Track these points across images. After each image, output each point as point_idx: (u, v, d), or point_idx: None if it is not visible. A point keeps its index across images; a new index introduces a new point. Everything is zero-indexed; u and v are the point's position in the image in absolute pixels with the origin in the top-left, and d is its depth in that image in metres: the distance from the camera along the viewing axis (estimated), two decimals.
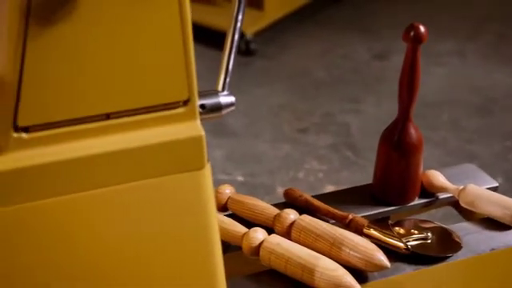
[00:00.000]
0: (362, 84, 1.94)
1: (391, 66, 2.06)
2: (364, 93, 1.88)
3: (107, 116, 0.44)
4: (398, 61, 2.09)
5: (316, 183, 1.55)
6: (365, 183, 0.74)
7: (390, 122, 0.66)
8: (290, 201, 0.66)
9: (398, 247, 0.59)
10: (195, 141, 0.46)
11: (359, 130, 1.75)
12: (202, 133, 0.46)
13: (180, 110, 0.46)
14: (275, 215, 0.62)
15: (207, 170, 0.47)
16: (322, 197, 0.68)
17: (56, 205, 0.44)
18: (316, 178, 1.55)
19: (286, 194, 0.68)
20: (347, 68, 2.03)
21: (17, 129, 0.42)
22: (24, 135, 0.42)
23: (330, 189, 1.48)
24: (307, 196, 0.66)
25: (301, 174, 1.54)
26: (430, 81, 1.83)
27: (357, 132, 1.74)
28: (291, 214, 0.62)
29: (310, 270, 0.55)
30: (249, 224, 0.63)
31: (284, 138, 1.65)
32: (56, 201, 0.44)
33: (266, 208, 0.63)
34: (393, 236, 0.60)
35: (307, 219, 0.61)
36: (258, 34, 1.98)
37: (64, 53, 0.41)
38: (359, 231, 0.61)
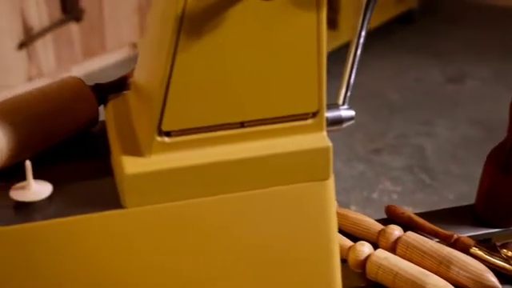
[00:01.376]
0: (436, 107, 1.92)
1: (465, 90, 2.03)
2: (438, 116, 1.86)
3: (242, 124, 0.46)
4: (472, 84, 2.06)
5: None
6: (441, 207, 0.73)
7: (465, 145, 0.66)
8: (392, 217, 0.67)
9: (507, 270, 0.59)
10: (323, 152, 0.47)
11: (433, 152, 1.73)
12: (330, 144, 0.47)
13: (309, 122, 0.47)
14: (380, 230, 0.63)
15: (331, 181, 0.48)
16: (421, 215, 0.68)
17: (187, 207, 0.46)
18: (390, 199, 1.54)
19: (388, 210, 0.68)
20: (420, 90, 2.02)
21: (160, 133, 0.45)
22: (166, 139, 0.45)
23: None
24: (410, 213, 0.66)
25: (375, 195, 1.54)
26: None
27: (431, 155, 1.72)
28: (396, 230, 0.62)
29: (420, 287, 0.55)
30: (351, 238, 0.63)
31: (358, 158, 1.65)
32: (188, 203, 0.46)
33: (370, 223, 0.64)
34: (501, 258, 0.60)
35: (413, 236, 0.61)
36: (332, 54, 1.99)
37: (208, 63, 0.44)
38: (465, 251, 0.60)
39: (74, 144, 0.52)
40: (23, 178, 0.47)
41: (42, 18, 1.95)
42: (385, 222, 0.67)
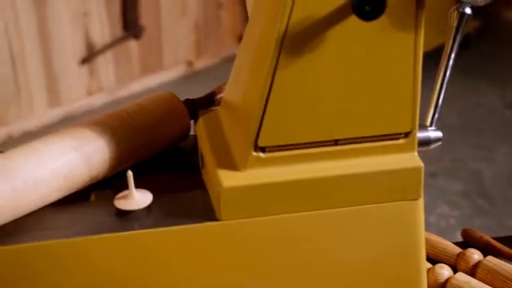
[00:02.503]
0: (495, 132, 1.89)
1: None
2: (496, 141, 1.83)
3: (335, 142, 0.47)
4: None
5: (448, 229, 1.51)
6: (501, 233, 0.72)
7: None
8: (469, 241, 0.66)
9: None
10: (415, 172, 0.47)
11: (491, 178, 1.70)
12: (422, 164, 0.48)
13: (401, 141, 0.48)
14: (458, 253, 0.62)
15: (421, 202, 0.48)
16: (496, 240, 0.67)
17: (280, 222, 0.47)
18: (447, 223, 1.52)
19: (465, 233, 0.67)
20: (478, 115, 1.99)
21: (256, 148, 0.46)
22: (261, 155, 0.46)
23: None
24: (488, 237, 0.65)
25: (432, 219, 1.52)
26: None
27: (489, 180, 1.69)
28: (475, 254, 0.61)
29: None
30: (428, 260, 0.63)
31: None
32: (280, 218, 0.47)
33: (448, 245, 0.64)
34: None
35: (494, 261, 0.60)
36: None
37: (306, 82, 0.45)
38: None
39: (166, 156, 0.54)
40: (121, 187, 0.49)
41: (104, 34, 2.01)
42: (461, 245, 0.66)
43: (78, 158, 0.47)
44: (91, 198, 0.53)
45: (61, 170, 0.46)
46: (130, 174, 0.46)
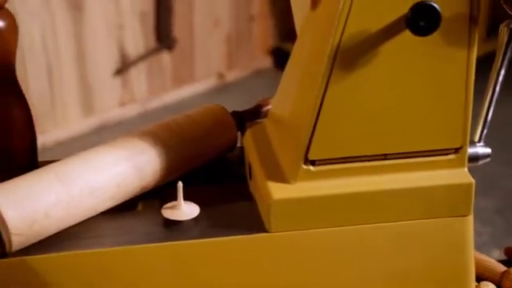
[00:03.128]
0: None
1: None
2: None
3: (385, 156, 0.47)
4: None
5: (481, 246, 1.49)
6: None
7: None
8: None
9: None
10: (466, 188, 0.47)
11: None
12: (473, 180, 0.47)
13: (451, 157, 0.48)
14: (503, 272, 0.61)
15: (471, 218, 0.48)
16: None
17: (328, 235, 0.47)
18: (481, 240, 1.50)
19: (508, 251, 0.67)
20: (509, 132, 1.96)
21: (306, 161, 0.46)
22: (311, 168, 0.46)
23: (496, 253, 1.43)
24: None
25: None
26: None
27: None
28: None
29: None
30: None
31: None
32: (329, 231, 0.47)
33: (492, 263, 0.63)
34: None
35: None
36: None
37: (358, 96, 0.45)
38: None
39: (212, 168, 0.55)
40: (168, 197, 0.50)
41: (138, 46, 2.04)
42: (504, 263, 0.65)
43: (130, 167, 0.48)
44: (138, 208, 0.54)
45: (114, 179, 0.47)
46: (180, 184, 0.47)
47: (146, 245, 0.46)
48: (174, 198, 0.49)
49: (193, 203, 0.48)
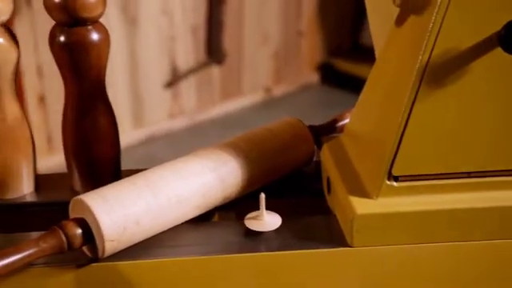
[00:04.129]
0: None
1: None
2: None
3: (468, 174, 0.47)
4: None
5: None
6: None
7: None
8: None
9: None
10: None
11: None
12: None
13: None
14: None
15: None
16: None
17: (411, 251, 0.47)
18: None
19: None
20: None
21: (390, 177, 0.46)
22: (394, 184, 0.46)
23: None
24: None
25: None
26: None
27: None
28: None
29: None
30: None
31: None
32: (412, 248, 0.47)
33: None
34: None
35: None
36: None
37: (445, 113, 0.45)
38: None
39: (289, 181, 0.55)
40: (245, 208, 0.51)
41: (188, 59, 2.07)
42: None
43: (214, 178, 0.49)
44: (214, 218, 0.55)
45: (199, 189, 0.48)
46: (262, 196, 0.48)
47: (229, 255, 0.47)
48: (249, 208, 0.50)
49: (275, 214, 0.49)
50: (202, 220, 0.51)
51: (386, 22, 0.51)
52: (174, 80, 2.04)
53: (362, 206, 0.46)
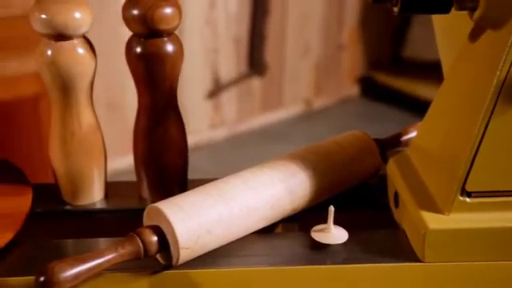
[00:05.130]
0: None
1: None
2: None
3: None
4: None
5: None
6: None
7: None
8: None
9: None
10: None
11: None
12: None
13: None
14: None
15: None
16: None
17: (483, 268, 0.46)
18: None
19: None
20: None
21: (463, 193, 0.46)
22: (467, 199, 0.46)
23: None
24: None
25: None
26: None
27: None
28: None
29: None
30: None
31: None
32: (485, 265, 0.46)
33: None
34: None
35: None
36: None
37: None
38: None
39: (353, 193, 0.55)
40: (309, 220, 0.51)
41: (230, 70, 2.09)
42: None
43: (283, 189, 0.49)
44: (277, 229, 0.55)
45: (269, 200, 0.48)
46: (331, 208, 0.48)
47: (295, 267, 0.47)
48: (312, 220, 0.50)
49: (341, 227, 0.49)
50: (265, 231, 0.52)
51: (456, 37, 0.51)
52: (216, 91, 2.06)
53: (434, 220, 0.46)
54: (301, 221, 0.54)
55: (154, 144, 0.52)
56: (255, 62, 2.11)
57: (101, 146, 0.53)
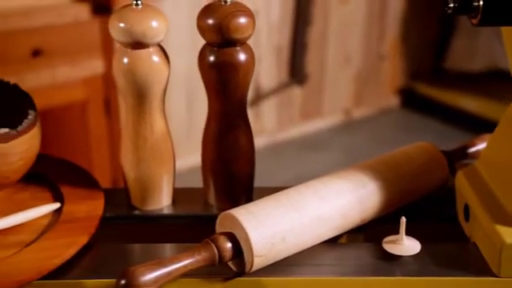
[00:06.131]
0: None
1: None
2: None
3: None
4: None
5: None
6: None
7: None
8: None
9: None
10: None
11: None
12: None
13: None
14: None
15: None
16: None
17: None
18: None
19: None
20: None
21: None
22: None
23: None
24: None
25: None
26: None
27: None
28: None
29: None
30: None
31: None
32: None
33: None
34: None
35: None
36: None
37: None
38: None
39: (420, 205, 0.55)
40: (374, 231, 0.50)
41: (271, 79, 2.09)
42: None
43: (353, 200, 0.49)
44: (342, 239, 0.55)
45: (339, 210, 0.48)
46: (403, 220, 0.47)
47: (366, 277, 0.47)
48: (378, 231, 0.50)
49: (414, 239, 0.48)
50: (330, 241, 0.52)
51: None
52: (257, 99, 2.07)
53: (510, 235, 0.45)
54: (366, 231, 0.54)
55: (223, 152, 0.52)
56: (296, 71, 2.11)
57: (171, 152, 0.53)
